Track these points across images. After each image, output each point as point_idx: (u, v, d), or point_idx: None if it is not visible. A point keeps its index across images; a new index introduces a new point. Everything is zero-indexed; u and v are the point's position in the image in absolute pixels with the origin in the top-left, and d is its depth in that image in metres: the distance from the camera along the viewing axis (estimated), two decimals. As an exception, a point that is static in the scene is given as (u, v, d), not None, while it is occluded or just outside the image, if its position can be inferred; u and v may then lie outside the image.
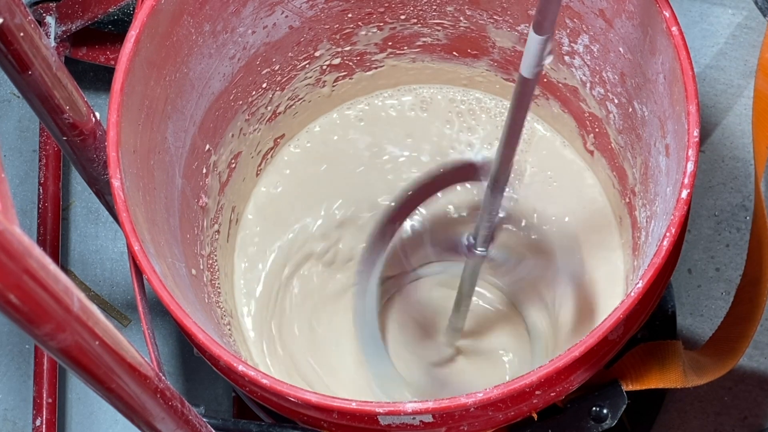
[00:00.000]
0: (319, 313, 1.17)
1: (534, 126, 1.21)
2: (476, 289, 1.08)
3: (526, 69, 0.82)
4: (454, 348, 1.15)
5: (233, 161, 1.15)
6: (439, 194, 1.09)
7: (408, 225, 1.15)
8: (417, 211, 1.13)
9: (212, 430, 0.82)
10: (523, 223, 1.15)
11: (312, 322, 1.16)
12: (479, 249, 0.99)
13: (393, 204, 1.09)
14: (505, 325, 1.18)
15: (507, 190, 0.93)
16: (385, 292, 1.18)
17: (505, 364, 1.17)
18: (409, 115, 1.23)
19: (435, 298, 1.19)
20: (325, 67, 1.18)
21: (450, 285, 1.13)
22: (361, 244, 1.17)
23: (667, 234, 0.87)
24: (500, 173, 0.92)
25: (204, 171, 1.10)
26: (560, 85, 1.13)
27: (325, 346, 1.16)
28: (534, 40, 0.80)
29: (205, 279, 1.09)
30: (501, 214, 0.96)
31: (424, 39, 1.17)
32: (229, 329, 1.11)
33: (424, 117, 1.22)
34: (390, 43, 1.18)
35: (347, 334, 1.16)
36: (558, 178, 1.18)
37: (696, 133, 0.89)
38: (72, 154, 0.95)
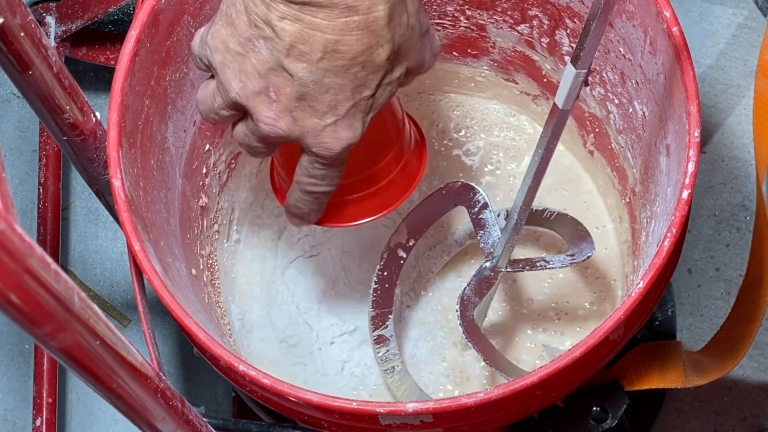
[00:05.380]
0: (321, 313, 1.17)
1: (535, 127, 1.21)
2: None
3: (561, 100, 0.82)
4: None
5: (233, 161, 1.15)
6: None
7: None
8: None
9: (212, 429, 0.82)
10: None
11: (313, 321, 1.16)
12: (505, 268, 1.01)
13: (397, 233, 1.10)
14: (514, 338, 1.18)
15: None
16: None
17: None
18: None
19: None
20: (325, 67, 1.18)
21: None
22: (363, 243, 1.17)
23: (668, 234, 0.87)
24: (528, 195, 0.93)
25: (204, 171, 1.10)
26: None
27: (326, 346, 1.15)
28: (571, 73, 0.79)
29: (205, 279, 1.09)
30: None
31: (425, 39, 1.17)
32: (229, 329, 1.11)
33: (425, 117, 1.22)
34: (390, 43, 1.18)
35: (349, 333, 1.16)
36: (555, 178, 1.18)
37: (697, 133, 0.89)
38: (72, 154, 0.95)
